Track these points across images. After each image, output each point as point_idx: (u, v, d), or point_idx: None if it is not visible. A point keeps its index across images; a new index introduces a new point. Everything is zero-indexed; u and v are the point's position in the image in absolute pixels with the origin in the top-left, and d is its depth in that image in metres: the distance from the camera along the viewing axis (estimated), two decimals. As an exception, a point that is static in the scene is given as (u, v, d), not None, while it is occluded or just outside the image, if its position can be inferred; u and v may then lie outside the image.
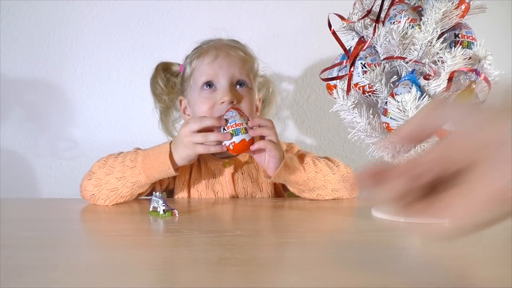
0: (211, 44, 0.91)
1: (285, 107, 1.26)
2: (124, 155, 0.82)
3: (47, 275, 0.42)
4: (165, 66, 0.98)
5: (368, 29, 0.71)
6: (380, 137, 0.70)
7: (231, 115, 0.77)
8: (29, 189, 1.23)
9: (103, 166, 0.81)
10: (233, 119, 0.76)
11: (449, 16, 0.64)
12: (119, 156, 0.82)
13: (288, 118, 1.27)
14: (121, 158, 0.81)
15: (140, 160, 0.79)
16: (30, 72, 1.21)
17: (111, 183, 0.79)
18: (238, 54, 0.89)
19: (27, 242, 0.55)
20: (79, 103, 1.23)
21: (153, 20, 1.22)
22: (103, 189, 0.79)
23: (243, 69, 0.88)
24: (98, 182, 0.80)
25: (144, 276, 0.43)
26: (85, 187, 0.81)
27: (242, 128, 0.75)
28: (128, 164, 0.79)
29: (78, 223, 0.73)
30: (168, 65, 0.98)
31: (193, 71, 0.89)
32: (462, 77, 0.67)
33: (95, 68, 1.22)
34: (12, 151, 1.22)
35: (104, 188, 0.79)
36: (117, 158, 0.82)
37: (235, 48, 0.90)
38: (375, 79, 0.67)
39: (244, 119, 0.77)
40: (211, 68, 0.86)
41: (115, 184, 0.79)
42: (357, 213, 0.81)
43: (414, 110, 0.62)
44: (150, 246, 0.54)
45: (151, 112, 1.01)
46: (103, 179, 0.79)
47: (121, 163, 0.80)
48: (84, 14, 1.21)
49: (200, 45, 0.94)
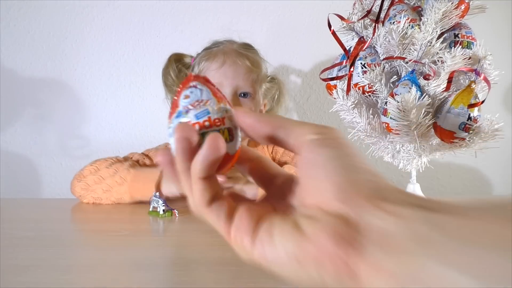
0: (220, 48, 0.92)
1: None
2: (116, 168, 0.82)
3: (47, 275, 0.42)
4: (177, 57, 0.99)
5: (368, 29, 0.71)
6: (380, 137, 0.70)
7: (197, 94, 0.30)
8: (29, 189, 1.23)
9: (95, 173, 0.83)
10: (204, 106, 0.29)
11: (448, 16, 0.64)
12: (112, 167, 0.83)
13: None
14: (113, 170, 0.82)
15: (129, 180, 0.80)
16: (30, 73, 1.21)
17: (97, 192, 0.81)
18: (244, 64, 0.89)
19: (27, 242, 0.55)
20: (79, 103, 1.23)
21: (153, 20, 1.22)
22: (88, 194, 0.82)
23: (247, 79, 0.89)
24: (85, 187, 0.82)
25: (144, 276, 0.43)
26: (74, 187, 0.84)
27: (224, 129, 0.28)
28: (117, 180, 0.80)
29: (78, 223, 0.73)
30: (180, 56, 0.99)
31: (200, 72, 0.90)
32: (462, 77, 0.67)
33: (95, 68, 1.22)
34: (12, 151, 1.22)
35: (90, 194, 0.82)
36: (109, 169, 0.82)
37: (242, 57, 0.90)
38: (375, 79, 0.67)
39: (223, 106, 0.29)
40: (217, 76, 0.87)
41: (100, 194, 0.81)
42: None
43: (414, 110, 0.62)
44: (150, 246, 0.54)
45: (151, 112, 1.01)
46: (91, 186, 0.82)
47: (111, 177, 0.81)
48: (84, 14, 1.21)
49: (211, 45, 0.94)
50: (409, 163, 0.71)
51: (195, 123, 0.25)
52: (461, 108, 0.62)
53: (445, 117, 0.63)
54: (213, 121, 0.25)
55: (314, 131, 0.23)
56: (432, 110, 0.65)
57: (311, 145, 0.22)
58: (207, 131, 0.25)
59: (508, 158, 1.23)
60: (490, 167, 1.26)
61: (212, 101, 0.26)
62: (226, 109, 0.26)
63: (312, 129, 0.23)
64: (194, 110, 0.25)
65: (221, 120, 0.26)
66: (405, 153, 0.70)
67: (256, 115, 0.25)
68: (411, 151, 0.69)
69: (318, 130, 0.23)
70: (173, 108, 0.26)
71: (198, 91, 0.26)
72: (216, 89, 0.27)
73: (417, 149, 0.69)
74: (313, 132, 0.23)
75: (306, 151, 0.23)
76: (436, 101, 0.65)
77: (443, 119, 0.63)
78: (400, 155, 0.71)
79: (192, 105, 0.26)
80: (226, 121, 0.26)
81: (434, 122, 0.65)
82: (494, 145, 0.63)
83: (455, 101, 0.63)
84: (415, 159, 0.70)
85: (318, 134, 0.23)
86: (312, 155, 0.22)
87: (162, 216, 0.68)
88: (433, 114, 0.65)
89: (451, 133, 0.63)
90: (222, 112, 0.26)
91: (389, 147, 0.71)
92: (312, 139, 0.22)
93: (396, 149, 0.71)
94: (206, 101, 0.26)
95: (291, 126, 0.24)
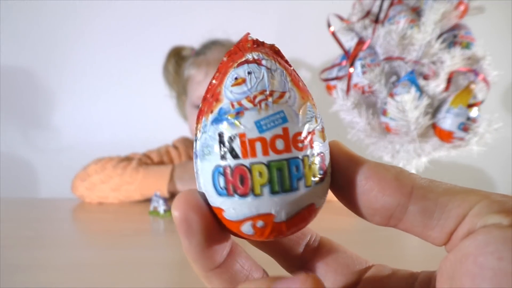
0: (206, 57, 0.89)
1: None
2: (123, 167, 0.82)
3: (47, 275, 0.42)
4: (176, 51, 0.96)
5: (368, 30, 0.71)
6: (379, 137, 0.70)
7: (261, 77, 0.14)
8: (29, 189, 1.23)
9: (101, 172, 0.82)
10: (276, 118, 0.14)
11: (448, 17, 0.64)
12: (118, 167, 0.82)
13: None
14: (120, 170, 0.82)
15: (139, 179, 0.80)
16: (30, 73, 1.21)
17: (104, 191, 0.81)
18: None
19: (27, 242, 0.55)
20: (80, 103, 1.23)
21: (153, 20, 1.22)
22: (93, 193, 0.81)
23: None
24: (91, 186, 0.81)
25: (144, 276, 0.43)
26: (76, 187, 0.83)
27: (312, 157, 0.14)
28: (127, 180, 0.80)
29: (78, 223, 0.73)
30: (179, 50, 0.96)
31: (188, 79, 0.89)
32: (461, 77, 0.67)
33: (95, 68, 1.22)
34: (12, 151, 1.22)
35: (95, 193, 0.81)
36: (116, 168, 0.82)
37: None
38: (374, 79, 0.68)
39: (310, 108, 0.15)
40: (200, 90, 0.85)
41: (107, 193, 0.81)
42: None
43: (414, 110, 0.62)
44: (150, 246, 0.55)
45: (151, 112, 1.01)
46: (97, 186, 0.81)
47: (120, 176, 0.80)
48: (84, 14, 1.21)
49: (201, 49, 0.92)
50: (409, 163, 0.71)
51: (256, 140, 0.13)
52: (460, 108, 0.62)
53: (444, 117, 0.63)
54: (293, 139, 0.13)
55: (496, 209, 0.12)
56: (431, 110, 0.65)
57: (492, 237, 0.11)
58: (276, 161, 0.13)
59: (508, 158, 1.24)
60: (490, 167, 1.26)
61: (293, 95, 0.14)
62: (315, 115, 0.14)
63: (492, 204, 0.12)
64: (253, 110, 0.13)
65: (308, 138, 0.13)
66: (404, 153, 0.70)
67: (382, 164, 0.14)
68: (410, 151, 0.70)
69: (502, 208, 0.12)
70: (208, 99, 0.14)
71: (264, 70, 0.13)
72: (295, 74, 0.15)
73: (417, 149, 0.69)
74: (495, 210, 0.12)
75: (479, 251, 0.11)
76: (435, 101, 0.66)
77: (442, 119, 0.64)
78: (399, 155, 0.71)
79: (251, 99, 0.13)
80: (316, 142, 0.14)
81: (433, 122, 0.65)
82: (494, 145, 0.63)
83: (454, 101, 0.63)
84: (414, 159, 0.70)
85: (504, 216, 0.12)
86: (491, 263, 0.11)
87: (162, 216, 0.68)
88: (432, 114, 0.65)
89: (450, 133, 0.63)
90: (311, 121, 0.14)
91: (389, 147, 0.71)
92: (495, 224, 0.12)
93: (396, 149, 0.71)
94: (281, 93, 0.13)
95: (446, 193, 0.13)
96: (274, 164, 0.13)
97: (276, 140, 0.13)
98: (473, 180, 1.27)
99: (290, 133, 0.13)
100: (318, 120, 0.14)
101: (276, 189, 0.13)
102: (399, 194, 0.13)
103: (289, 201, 0.13)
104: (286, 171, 0.13)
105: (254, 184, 0.13)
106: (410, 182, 0.13)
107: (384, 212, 0.14)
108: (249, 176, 0.13)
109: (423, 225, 0.13)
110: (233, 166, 0.13)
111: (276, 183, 0.13)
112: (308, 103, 0.14)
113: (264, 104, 0.13)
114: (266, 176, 0.13)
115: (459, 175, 1.26)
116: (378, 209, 0.14)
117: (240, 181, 0.13)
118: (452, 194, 0.13)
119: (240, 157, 0.13)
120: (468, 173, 1.26)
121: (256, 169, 0.13)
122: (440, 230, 0.13)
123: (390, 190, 0.13)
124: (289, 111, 0.13)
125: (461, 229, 0.12)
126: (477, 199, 0.12)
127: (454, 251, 0.13)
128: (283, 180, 0.13)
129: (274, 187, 0.13)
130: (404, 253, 0.53)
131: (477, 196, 0.13)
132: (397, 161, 0.72)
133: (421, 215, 0.13)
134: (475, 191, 0.13)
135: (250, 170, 0.13)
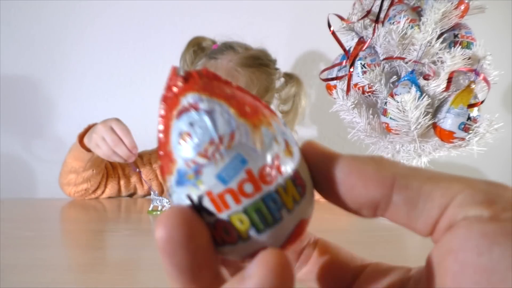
0: (217, 62, 0.86)
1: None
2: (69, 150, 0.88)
3: (47, 275, 0.42)
4: (196, 41, 0.94)
5: (368, 30, 0.71)
6: (379, 137, 0.70)
7: (205, 125, 0.13)
8: (29, 189, 1.23)
9: (63, 166, 0.88)
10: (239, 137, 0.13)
11: (448, 17, 0.64)
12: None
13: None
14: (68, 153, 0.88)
15: (72, 148, 0.85)
16: (30, 73, 1.21)
17: (70, 178, 0.85)
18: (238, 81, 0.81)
19: (27, 242, 0.55)
20: (80, 103, 1.23)
21: (153, 20, 1.22)
22: (70, 187, 0.86)
23: None
24: (67, 182, 0.87)
25: (144, 276, 0.43)
26: (63, 189, 0.89)
27: (285, 185, 0.13)
28: (70, 155, 0.85)
29: (78, 223, 0.73)
30: (199, 40, 0.94)
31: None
32: (462, 77, 0.67)
33: (96, 68, 1.22)
34: (12, 151, 1.22)
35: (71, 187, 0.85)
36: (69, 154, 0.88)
37: (235, 76, 0.82)
38: (374, 79, 0.67)
39: (268, 131, 0.13)
40: None
41: (74, 179, 0.84)
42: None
43: (414, 110, 0.62)
44: (150, 246, 0.54)
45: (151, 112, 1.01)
46: (67, 178, 0.85)
47: (67, 157, 0.85)
48: (84, 14, 1.21)
49: (215, 51, 0.90)
50: (409, 163, 0.71)
51: (224, 193, 0.12)
52: (460, 108, 0.62)
53: (444, 117, 0.63)
54: (260, 176, 0.12)
55: (478, 199, 0.12)
56: (431, 110, 0.65)
57: (473, 232, 0.11)
58: (252, 204, 0.12)
59: (508, 158, 1.24)
60: (490, 167, 1.26)
61: (244, 130, 0.13)
62: (274, 136, 0.13)
63: (475, 194, 0.12)
64: (210, 165, 0.12)
65: (274, 166, 0.13)
66: (404, 153, 0.70)
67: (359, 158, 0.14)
68: (410, 151, 0.70)
69: (485, 198, 0.12)
70: (163, 157, 0.13)
71: (205, 116, 0.12)
72: (237, 93, 0.13)
73: (417, 149, 0.69)
74: (478, 201, 0.12)
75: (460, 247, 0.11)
76: (435, 101, 0.66)
77: (442, 119, 0.64)
78: (400, 155, 0.71)
79: (203, 154, 0.12)
80: (284, 164, 0.13)
81: (434, 122, 0.65)
82: (494, 145, 0.63)
83: (455, 101, 0.63)
84: (414, 159, 0.70)
85: (486, 207, 0.11)
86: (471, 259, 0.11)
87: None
88: (432, 114, 0.65)
89: (451, 133, 0.63)
90: (271, 146, 0.13)
91: (389, 147, 0.71)
92: (476, 217, 0.11)
93: (396, 149, 0.71)
94: (231, 135, 0.12)
95: (429, 182, 0.13)
96: (251, 207, 0.12)
97: (244, 185, 0.12)
98: (473, 180, 1.27)
99: (254, 172, 0.12)
100: (279, 139, 0.13)
101: (261, 228, 0.13)
102: (381, 186, 0.13)
103: (278, 232, 0.13)
104: (264, 209, 0.13)
105: (239, 232, 0.13)
106: (391, 172, 0.13)
107: (370, 205, 0.13)
108: (232, 226, 0.13)
109: (407, 216, 0.13)
110: (213, 222, 0.13)
111: (259, 223, 0.13)
112: (262, 129, 0.13)
113: (218, 155, 0.12)
114: (247, 221, 0.13)
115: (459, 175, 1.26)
116: (363, 203, 0.13)
117: (225, 232, 0.13)
118: (435, 182, 0.13)
119: (216, 213, 0.13)
120: (468, 173, 1.26)
121: (236, 218, 0.13)
122: (424, 220, 0.13)
123: (372, 184, 0.13)
124: (246, 150, 0.12)
125: (443, 220, 0.12)
126: (460, 188, 0.12)
127: (437, 246, 0.12)
128: (265, 218, 0.13)
129: (258, 227, 0.13)
130: (404, 253, 0.53)
131: (460, 184, 0.12)
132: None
133: (405, 205, 0.13)
134: (459, 178, 0.13)
135: (230, 222, 0.13)
